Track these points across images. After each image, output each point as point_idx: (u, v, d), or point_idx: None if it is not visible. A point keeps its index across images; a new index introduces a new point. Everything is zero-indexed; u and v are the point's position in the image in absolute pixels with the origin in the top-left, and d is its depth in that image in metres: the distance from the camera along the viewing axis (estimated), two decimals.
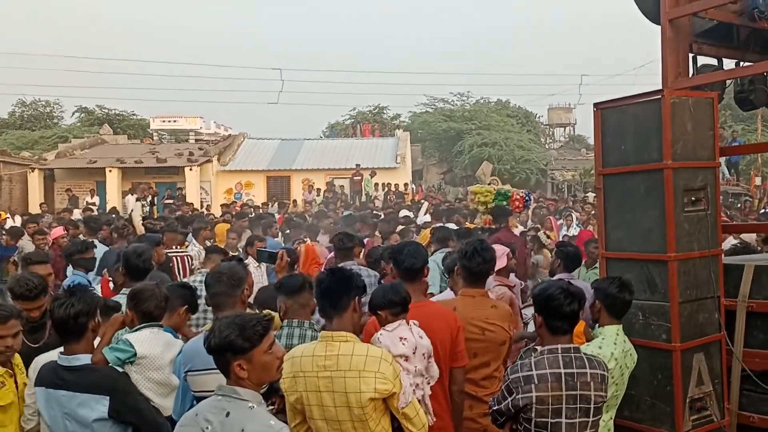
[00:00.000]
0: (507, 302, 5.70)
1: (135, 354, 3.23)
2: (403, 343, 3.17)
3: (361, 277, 3.14)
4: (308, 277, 3.86)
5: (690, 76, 4.52)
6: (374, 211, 16.34)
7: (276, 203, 21.27)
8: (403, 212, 15.07)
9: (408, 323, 3.24)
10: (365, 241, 8.09)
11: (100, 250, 7.79)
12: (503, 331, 3.78)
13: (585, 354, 3.09)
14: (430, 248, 7.09)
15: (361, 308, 3.11)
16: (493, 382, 3.70)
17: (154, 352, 3.29)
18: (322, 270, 3.27)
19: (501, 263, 5.82)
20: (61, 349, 3.18)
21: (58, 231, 9.46)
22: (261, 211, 17.85)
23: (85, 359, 3.13)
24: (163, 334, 3.44)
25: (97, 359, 3.17)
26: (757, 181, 22.96)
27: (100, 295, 4.60)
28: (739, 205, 18.28)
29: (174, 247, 7.99)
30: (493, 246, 6.21)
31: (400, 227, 10.58)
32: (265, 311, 3.72)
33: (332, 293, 3.00)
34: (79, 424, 3.07)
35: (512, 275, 6.11)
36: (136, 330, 3.39)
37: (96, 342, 3.28)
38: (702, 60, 4.70)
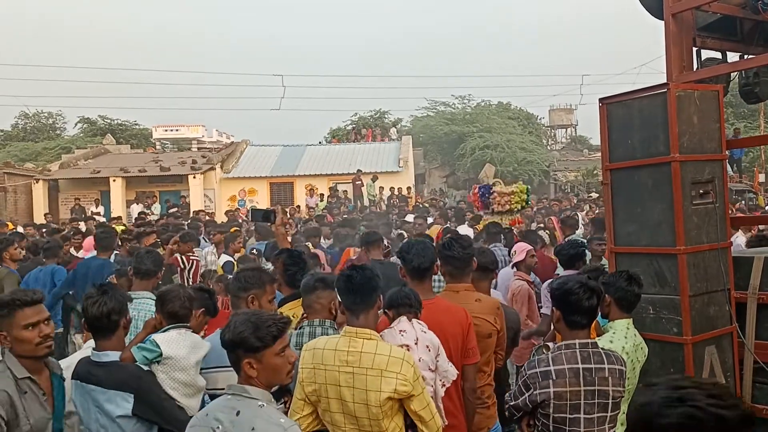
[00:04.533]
0: (525, 296, 5.76)
1: (161, 354, 3.25)
2: (402, 335, 3.19)
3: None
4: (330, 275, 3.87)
5: (694, 69, 4.52)
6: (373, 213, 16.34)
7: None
8: (409, 217, 14.98)
9: (410, 320, 3.26)
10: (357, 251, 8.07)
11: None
12: (488, 324, 3.77)
13: (603, 349, 3.08)
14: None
15: (381, 305, 3.12)
16: (482, 377, 3.69)
17: (179, 353, 3.30)
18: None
19: (519, 258, 5.90)
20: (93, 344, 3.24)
21: (90, 242, 9.38)
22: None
23: (113, 356, 3.18)
24: (190, 335, 3.45)
25: (125, 357, 3.21)
26: (761, 177, 22.94)
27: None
28: (742, 201, 18.22)
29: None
30: (517, 243, 6.32)
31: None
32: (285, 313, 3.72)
33: (363, 290, 2.99)
34: (108, 418, 3.11)
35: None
36: (164, 331, 3.41)
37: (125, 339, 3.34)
38: (706, 54, 4.70)
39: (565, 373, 2.95)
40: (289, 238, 7.08)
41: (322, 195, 24.85)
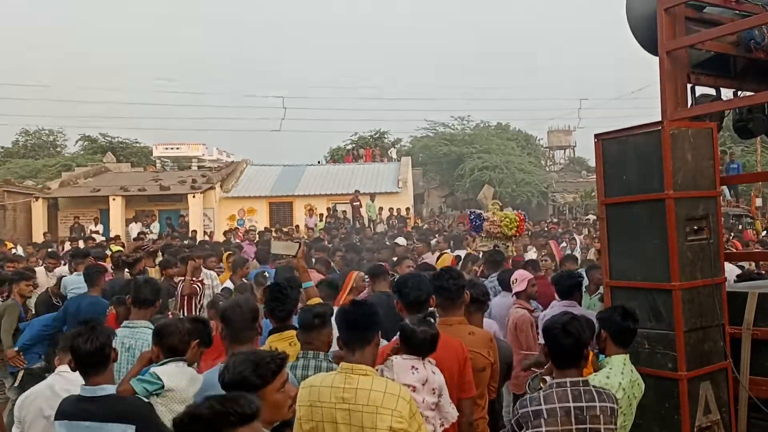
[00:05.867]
0: (528, 325, 5.76)
1: (162, 386, 3.28)
2: (413, 373, 3.22)
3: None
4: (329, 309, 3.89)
5: (689, 106, 4.58)
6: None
7: (274, 229, 21.25)
8: (400, 240, 14.85)
9: (423, 359, 3.29)
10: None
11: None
12: (482, 358, 3.79)
13: (594, 387, 3.11)
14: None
15: (379, 341, 3.14)
16: (476, 410, 3.70)
17: (180, 386, 3.34)
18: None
19: (520, 287, 5.93)
20: (81, 381, 3.24)
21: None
22: (266, 237, 17.82)
23: (110, 389, 3.20)
24: (188, 368, 3.50)
25: (123, 389, 3.24)
26: (758, 202, 23.03)
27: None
28: (740, 226, 18.28)
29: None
30: (516, 271, 6.35)
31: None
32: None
33: (360, 326, 3.01)
34: None
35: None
36: (162, 364, 3.43)
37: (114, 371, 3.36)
38: (700, 90, 4.77)
39: (557, 413, 2.98)
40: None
41: (321, 215, 24.90)
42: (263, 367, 2.49)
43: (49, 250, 13.25)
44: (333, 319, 3.54)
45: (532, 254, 11.40)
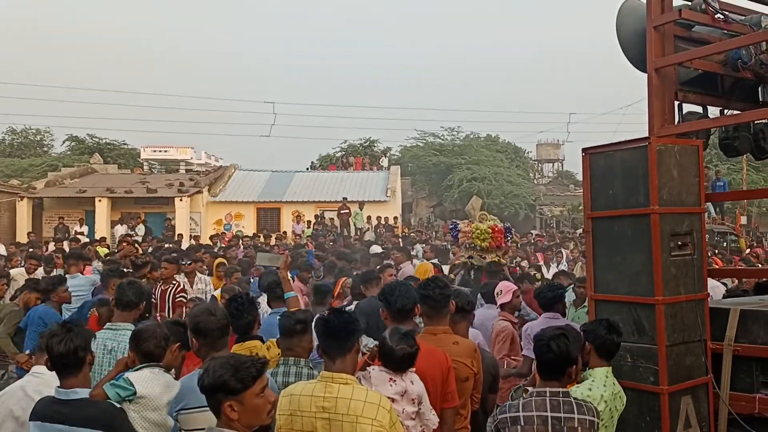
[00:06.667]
0: (509, 337, 5.78)
1: (135, 392, 3.24)
2: (391, 385, 3.22)
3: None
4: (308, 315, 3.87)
5: (676, 123, 4.64)
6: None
7: (262, 235, 21.19)
8: (375, 248, 14.77)
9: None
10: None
11: (82, 281, 7.79)
12: (465, 368, 3.79)
13: (575, 399, 3.14)
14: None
15: (360, 349, 3.14)
16: (459, 420, 3.71)
17: (153, 393, 3.29)
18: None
19: (505, 299, 5.94)
20: (57, 383, 3.22)
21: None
22: (251, 242, 17.77)
23: (83, 393, 3.16)
24: (163, 375, 3.45)
25: (96, 393, 3.20)
26: (743, 220, 23.28)
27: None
28: (725, 243, 18.45)
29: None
30: (501, 283, 6.36)
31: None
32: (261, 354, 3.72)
33: (339, 335, 3.00)
34: None
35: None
36: (137, 369, 3.40)
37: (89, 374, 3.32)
38: (687, 107, 4.83)
39: (534, 420, 3.03)
40: None
41: (309, 222, 24.86)
42: (243, 371, 2.49)
43: (30, 250, 13.13)
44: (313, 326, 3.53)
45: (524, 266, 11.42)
